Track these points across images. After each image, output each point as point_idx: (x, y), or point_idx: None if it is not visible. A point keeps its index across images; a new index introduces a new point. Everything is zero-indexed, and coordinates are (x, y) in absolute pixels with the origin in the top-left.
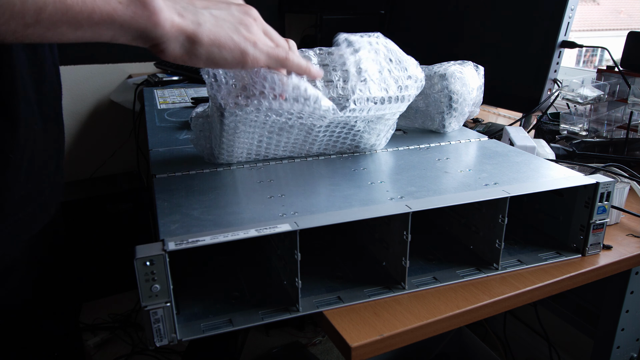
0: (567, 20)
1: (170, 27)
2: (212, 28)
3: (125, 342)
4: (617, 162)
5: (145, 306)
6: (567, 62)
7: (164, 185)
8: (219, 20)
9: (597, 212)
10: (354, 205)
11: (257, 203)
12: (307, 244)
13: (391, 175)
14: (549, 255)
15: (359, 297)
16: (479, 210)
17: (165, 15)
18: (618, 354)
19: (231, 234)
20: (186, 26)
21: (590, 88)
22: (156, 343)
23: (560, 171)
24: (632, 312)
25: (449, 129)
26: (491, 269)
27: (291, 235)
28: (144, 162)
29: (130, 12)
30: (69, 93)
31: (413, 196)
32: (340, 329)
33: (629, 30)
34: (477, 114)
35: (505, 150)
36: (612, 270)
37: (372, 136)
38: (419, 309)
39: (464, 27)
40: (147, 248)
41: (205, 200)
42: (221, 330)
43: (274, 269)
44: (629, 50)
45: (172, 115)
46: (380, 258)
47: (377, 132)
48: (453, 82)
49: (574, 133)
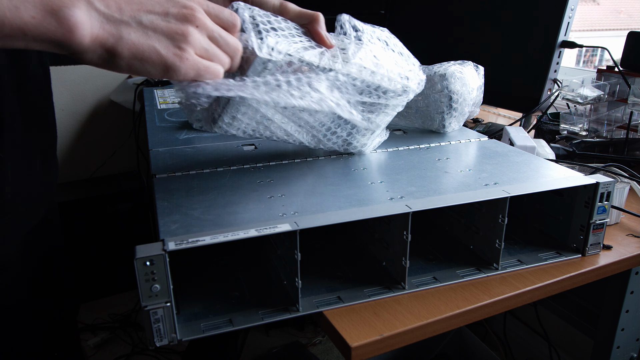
0: (567, 20)
1: (89, 41)
2: (135, 40)
3: (125, 342)
4: (617, 162)
5: (145, 306)
6: (567, 62)
7: (164, 185)
8: (148, 30)
9: (597, 212)
10: (354, 205)
11: (257, 203)
12: (307, 244)
13: (391, 175)
14: (549, 255)
15: (359, 297)
16: (479, 210)
17: (84, 31)
18: (618, 354)
19: (231, 234)
20: (105, 40)
21: (590, 88)
22: (156, 343)
23: (560, 171)
24: (632, 312)
25: (449, 129)
26: (491, 269)
27: (291, 235)
28: (144, 162)
29: (44, 28)
30: (69, 93)
31: (413, 196)
32: (340, 329)
33: (629, 30)
34: (477, 114)
35: (505, 150)
36: (612, 270)
37: (364, 138)
38: (419, 309)
39: (464, 27)
40: (147, 248)
41: (205, 200)
42: (221, 330)
43: (274, 269)
44: (629, 50)
45: (172, 115)
46: (380, 258)
47: (369, 134)
48: (453, 82)
49: (574, 133)
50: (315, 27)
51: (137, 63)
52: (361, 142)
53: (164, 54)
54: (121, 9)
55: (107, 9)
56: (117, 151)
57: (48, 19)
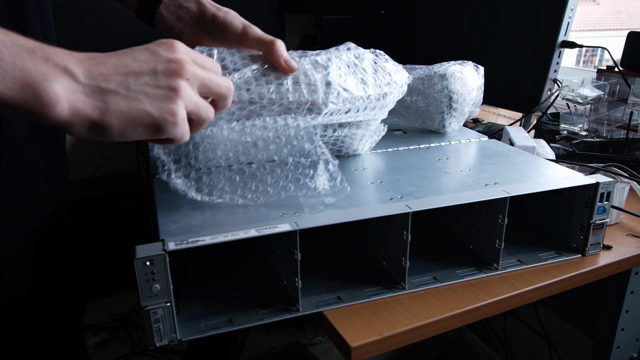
0: (567, 20)
1: (71, 115)
2: (124, 109)
3: (125, 342)
4: (617, 162)
5: (145, 306)
6: (567, 62)
7: (164, 185)
8: (138, 95)
9: (597, 212)
10: (354, 205)
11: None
12: (307, 244)
13: (391, 175)
14: (549, 255)
15: (359, 297)
16: (479, 210)
17: (63, 106)
18: (618, 354)
19: (231, 234)
20: (90, 113)
21: (590, 88)
22: (156, 343)
23: (560, 171)
24: (632, 312)
25: (449, 129)
26: (491, 269)
27: (291, 235)
28: (144, 162)
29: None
30: None
31: (413, 196)
32: (340, 329)
33: (629, 30)
34: (477, 114)
35: (505, 150)
36: (612, 270)
37: (355, 141)
38: (419, 309)
39: (464, 27)
40: (147, 248)
41: (205, 200)
42: (221, 330)
43: (274, 269)
44: (629, 50)
45: None
46: (380, 258)
47: (359, 137)
48: (453, 82)
49: (574, 133)
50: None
51: (129, 130)
52: (353, 146)
53: (156, 115)
54: (107, 77)
55: (91, 79)
56: (117, 151)
57: (25, 92)
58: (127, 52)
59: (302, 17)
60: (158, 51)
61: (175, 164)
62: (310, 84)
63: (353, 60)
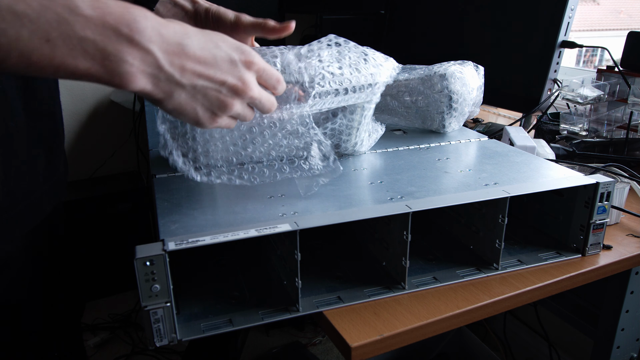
0: (567, 20)
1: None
2: (182, 101)
3: (125, 342)
4: (617, 162)
5: (145, 306)
6: (567, 62)
7: (164, 185)
8: (197, 94)
9: (597, 212)
10: (354, 205)
11: (257, 203)
12: (307, 244)
13: (391, 175)
14: (549, 255)
15: (359, 297)
16: (479, 210)
17: (135, 86)
18: (618, 354)
19: (231, 234)
20: (156, 94)
21: (590, 88)
22: (156, 343)
23: (560, 171)
24: (632, 312)
25: (449, 129)
26: (491, 269)
27: (291, 235)
28: (144, 162)
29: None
30: (69, 93)
31: (413, 196)
32: (340, 329)
33: (629, 30)
34: (477, 114)
35: (505, 150)
36: (612, 270)
37: (352, 132)
38: (419, 309)
39: (464, 27)
40: (147, 248)
41: (205, 200)
42: (221, 330)
43: (274, 269)
44: (629, 50)
45: None
46: (380, 258)
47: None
48: (453, 82)
49: (574, 133)
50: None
51: (175, 114)
52: (351, 142)
53: (201, 116)
54: (183, 70)
55: (171, 66)
56: (117, 151)
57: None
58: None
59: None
60: (237, 64)
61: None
62: (295, 71)
63: (336, 49)
